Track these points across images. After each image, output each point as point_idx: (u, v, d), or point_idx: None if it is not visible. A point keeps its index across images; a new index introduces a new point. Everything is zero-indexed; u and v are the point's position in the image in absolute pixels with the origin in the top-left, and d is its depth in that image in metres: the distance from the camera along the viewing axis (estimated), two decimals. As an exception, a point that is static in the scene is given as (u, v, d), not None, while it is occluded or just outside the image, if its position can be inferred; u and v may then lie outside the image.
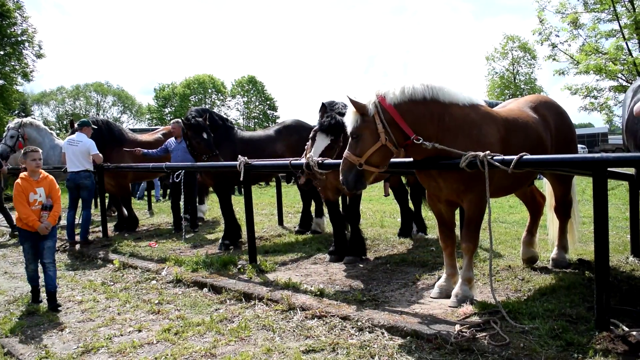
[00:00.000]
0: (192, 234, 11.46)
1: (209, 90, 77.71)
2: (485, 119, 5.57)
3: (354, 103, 5.18)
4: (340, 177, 5.37)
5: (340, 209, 8.41)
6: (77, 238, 10.67)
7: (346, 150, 5.31)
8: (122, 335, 5.60)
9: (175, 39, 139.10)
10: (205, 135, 9.26)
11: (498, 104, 7.20)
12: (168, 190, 20.54)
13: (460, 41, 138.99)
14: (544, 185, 7.42)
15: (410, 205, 10.00)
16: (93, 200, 16.93)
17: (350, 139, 5.32)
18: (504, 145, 5.51)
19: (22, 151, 6.91)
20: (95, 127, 11.35)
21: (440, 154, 5.31)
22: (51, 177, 6.96)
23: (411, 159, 5.64)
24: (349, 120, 5.28)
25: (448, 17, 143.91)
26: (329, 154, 7.03)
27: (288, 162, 7.26)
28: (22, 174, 6.79)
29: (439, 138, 5.29)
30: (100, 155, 10.74)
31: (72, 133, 11.15)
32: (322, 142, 7.09)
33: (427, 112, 5.29)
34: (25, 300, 7.09)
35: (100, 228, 11.67)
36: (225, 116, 11.00)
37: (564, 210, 7.04)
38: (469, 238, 5.62)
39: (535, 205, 7.33)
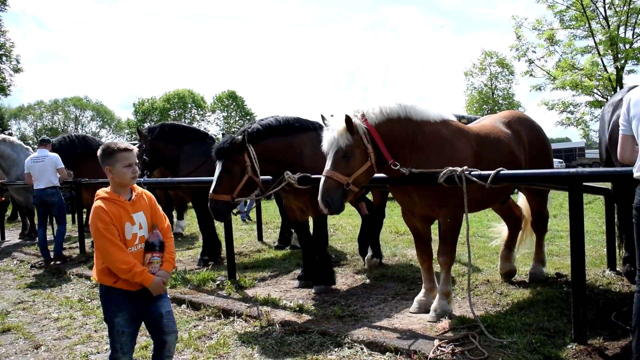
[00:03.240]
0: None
1: (189, 105, 77.55)
2: (457, 134, 5.64)
3: (348, 120, 5.04)
4: (322, 198, 5.12)
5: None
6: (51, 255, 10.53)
7: (328, 169, 5.14)
8: (99, 352, 5.53)
9: (155, 54, 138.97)
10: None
11: (477, 119, 7.28)
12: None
13: (439, 57, 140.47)
14: (518, 199, 7.49)
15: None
16: (70, 216, 16.85)
17: (334, 156, 5.15)
18: (477, 159, 5.56)
19: (101, 151, 3.97)
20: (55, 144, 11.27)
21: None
22: (149, 193, 4.22)
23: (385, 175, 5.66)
24: (337, 136, 5.09)
25: (427, 32, 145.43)
26: (226, 178, 6.53)
27: (270, 178, 7.17)
28: (102, 192, 3.92)
29: (413, 157, 5.35)
30: (65, 170, 10.60)
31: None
32: (217, 168, 6.60)
33: (402, 131, 5.33)
34: (1, 317, 6.96)
35: (77, 244, 11.54)
36: (205, 131, 10.96)
37: (540, 225, 7.12)
38: (445, 252, 5.65)
39: (513, 220, 7.38)
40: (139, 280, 3.73)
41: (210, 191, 6.54)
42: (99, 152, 3.97)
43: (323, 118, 5.60)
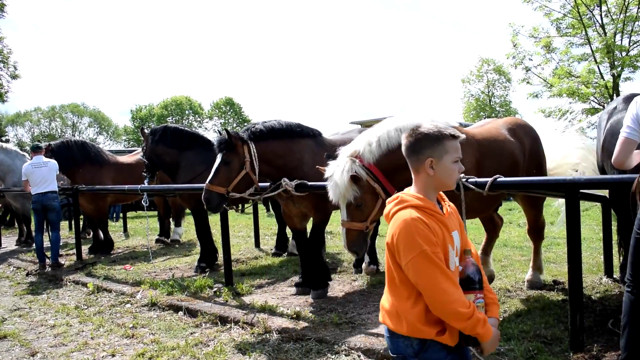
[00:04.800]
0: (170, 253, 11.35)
1: (186, 112, 77.59)
2: (462, 145, 5.57)
3: (353, 177, 4.91)
4: (349, 248, 5.10)
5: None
6: (48, 262, 10.52)
7: (345, 221, 5.03)
8: (95, 360, 5.52)
9: (153, 61, 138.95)
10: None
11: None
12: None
13: (436, 63, 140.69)
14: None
15: None
16: (67, 222, 16.84)
17: (347, 208, 5.00)
18: (478, 169, 5.53)
19: (422, 134, 2.73)
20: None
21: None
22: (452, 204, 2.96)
23: None
24: (344, 192, 4.93)
25: (424, 39, 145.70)
26: (225, 170, 6.59)
27: (268, 184, 7.17)
28: (410, 197, 2.66)
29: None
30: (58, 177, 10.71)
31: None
32: (217, 160, 6.70)
33: (404, 158, 5.22)
34: (-4, 324, 6.94)
35: (74, 251, 11.53)
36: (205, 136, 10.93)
37: (537, 232, 7.13)
38: None
39: (492, 226, 7.38)
40: (480, 332, 2.51)
41: (207, 181, 6.58)
42: (412, 136, 2.74)
43: (328, 157, 5.45)
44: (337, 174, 4.97)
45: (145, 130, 9.95)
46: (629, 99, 6.45)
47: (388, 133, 5.20)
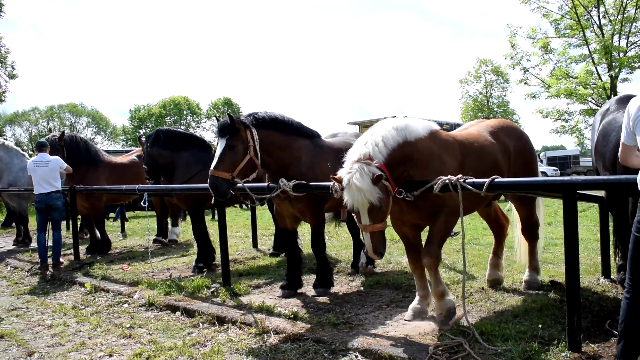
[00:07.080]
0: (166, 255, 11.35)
1: (185, 112, 77.57)
2: (443, 147, 5.65)
3: (378, 177, 4.88)
4: (374, 251, 5.10)
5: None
6: (49, 261, 10.51)
7: (369, 224, 5.02)
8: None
9: (151, 61, 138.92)
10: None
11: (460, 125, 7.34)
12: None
13: (435, 64, 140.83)
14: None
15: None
16: (64, 222, 16.82)
17: (369, 212, 4.98)
18: (461, 170, 5.52)
19: None
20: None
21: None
22: None
23: None
24: (368, 196, 4.88)
25: (423, 39, 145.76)
26: (229, 155, 6.50)
27: (266, 185, 7.16)
28: None
29: (408, 174, 5.38)
30: (70, 167, 10.74)
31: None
32: (220, 146, 6.63)
33: (402, 155, 5.31)
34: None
35: (72, 251, 11.52)
36: (200, 137, 10.94)
37: (530, 231, 7.12)
38: (430, 252, 5.44)
39: (498, 227, 7.39)
40: None
41: (212, 167, 6.51)
42: None
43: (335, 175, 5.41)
44: (356, 179, 4.88)
45: (142, 138, 10.03)
46: (621, 100, 6.48)
47: (389, 132, 5.25)
